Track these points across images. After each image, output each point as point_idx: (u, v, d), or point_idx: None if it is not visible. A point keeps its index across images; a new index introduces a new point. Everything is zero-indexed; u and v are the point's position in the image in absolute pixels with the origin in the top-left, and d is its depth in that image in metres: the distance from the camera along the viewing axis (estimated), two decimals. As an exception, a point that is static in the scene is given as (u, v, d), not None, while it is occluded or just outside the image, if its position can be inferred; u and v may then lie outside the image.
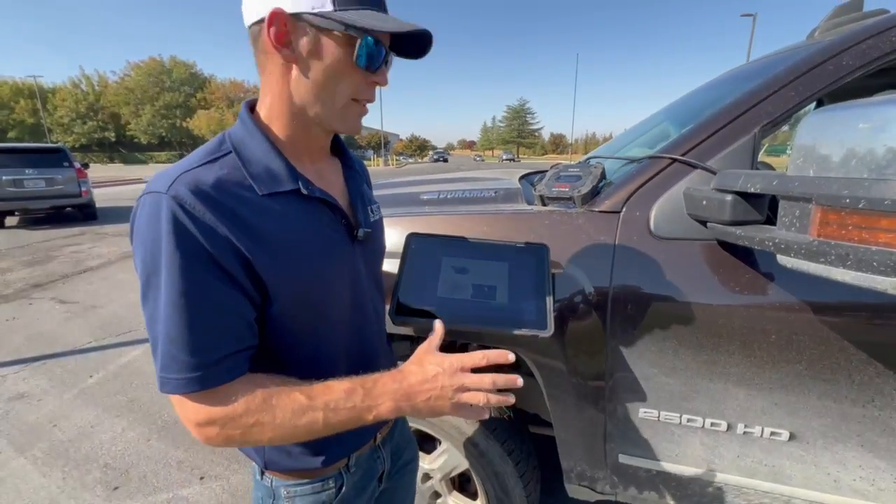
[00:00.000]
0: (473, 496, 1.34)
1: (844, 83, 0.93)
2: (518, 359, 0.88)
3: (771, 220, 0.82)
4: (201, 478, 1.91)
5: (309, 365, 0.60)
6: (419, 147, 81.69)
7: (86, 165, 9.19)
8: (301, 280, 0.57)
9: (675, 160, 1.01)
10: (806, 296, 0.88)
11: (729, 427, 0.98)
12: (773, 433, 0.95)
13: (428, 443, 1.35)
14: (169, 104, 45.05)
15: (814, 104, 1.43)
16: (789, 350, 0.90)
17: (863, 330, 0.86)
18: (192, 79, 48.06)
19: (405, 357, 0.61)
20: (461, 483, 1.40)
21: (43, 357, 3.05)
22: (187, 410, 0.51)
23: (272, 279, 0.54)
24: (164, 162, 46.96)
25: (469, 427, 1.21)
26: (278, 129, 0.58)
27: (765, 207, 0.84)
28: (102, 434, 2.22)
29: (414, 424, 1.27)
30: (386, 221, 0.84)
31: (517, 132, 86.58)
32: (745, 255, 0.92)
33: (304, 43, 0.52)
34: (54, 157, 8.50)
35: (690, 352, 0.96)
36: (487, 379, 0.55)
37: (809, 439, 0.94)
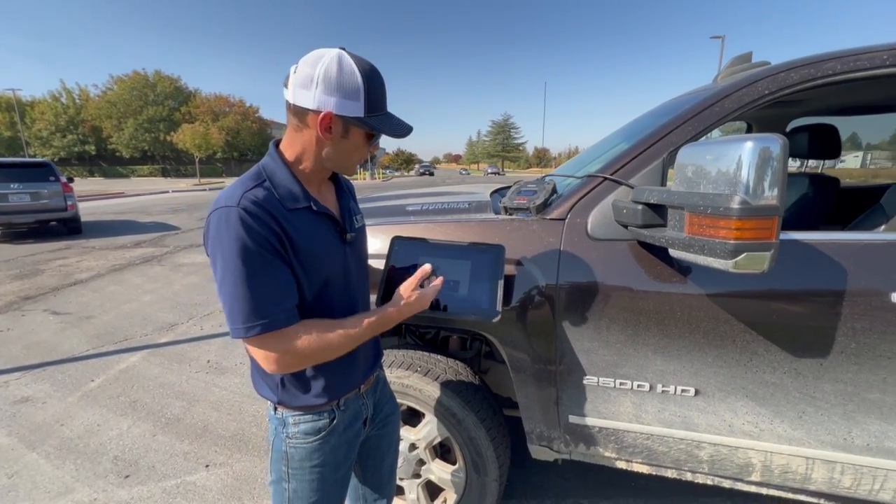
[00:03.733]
0: (453, 463, 1.57)
1: (728, 120, 1.23)
2: (493, 348, 1.16)
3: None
4: (207, 466, 2.09)
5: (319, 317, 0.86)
6: (405, 161, 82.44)
7: (70, 179, 9.21)
8: (312, 268, 0.83)
9: (605, 178, 1.29)
10: (701, 282, 1.16)
11: (651, 387, 1.24)
12: (683, 390, 1.22)
13: (414, 418, 1.58)
14: (152, 118, 44.66)
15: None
16: (690, 324, 1.17)
17: (740, 307, 1.14)
18: (176, 93, 47.84)
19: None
20: (443, 453, 1.62)
21: (43, 364, 3.17)
22: (268, 349, 0.76)
23: (296, 265, 0.80)
24: (146, 176, 46.40)
25: (449, 400, 1.44)
26: (304, 166, 0.85)
27: (665, 214, 1.12)
28: (109, 431, 2.37)
29: (403, 402, 1.50)
30: (378, 229, 1.11)
31: (502, 146, 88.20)
32: (655, 250, 1.20)
33: (339, 130, 0.80)
34: (40, 172, 8.53)
35: (619, 328, 1.23)
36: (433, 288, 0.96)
37: (710, 394, 1.20)
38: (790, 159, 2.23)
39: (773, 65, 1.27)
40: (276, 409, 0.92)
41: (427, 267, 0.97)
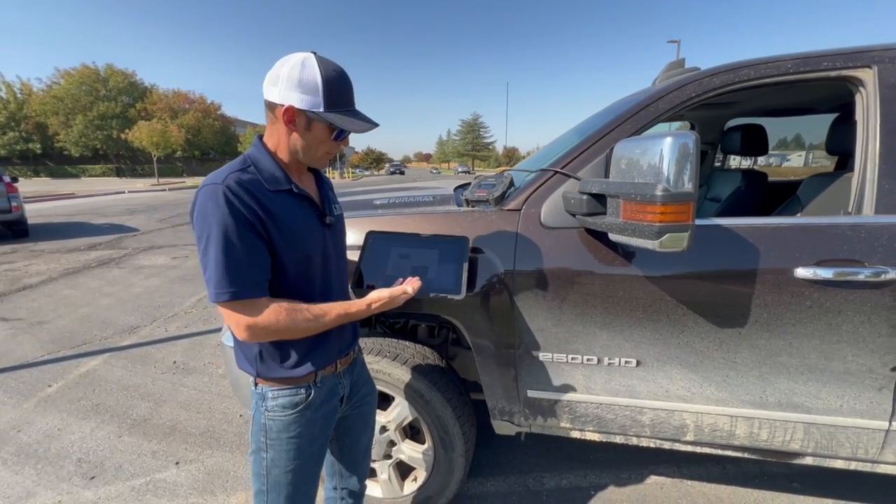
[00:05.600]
0: (423, 443, 1.66)
1: (662, 119, 1.37)
2: (459, 335, 1.27)
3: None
4: (177, 463, 2.08)
5: (296, 297, 0.93)
6: (375, 160, 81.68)
7: (15, 179, 8.63)
8: (293, 245, 0.90)
9: (556, 172, 1.41)
10: (639, 264, 1.30)
11: (598, 361, 1.37)
12: (626, 362, 1.36)
13: (385, 402, 1.65)
14: (104, 114, 42.15)
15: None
16: (630, 302, 1.31)
17: (672, 286, 1.28)
18: (131, 88, 45.35)
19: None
20: (413, 434, 1.71)
21: (-7, 371, 3.02)
22: (238, 315, 0.84)
23: (277, 242, 0.87)
24: (98, 176, 43.74)
25: (417, 382, 1.53)
26: (281, 156, 0.93)
27: (605, 203, 1.25)
28: (71, 435, 2.31)
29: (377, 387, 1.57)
30: (348, 222, 1.19)
31: (471, 145, 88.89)
32: (600, 237, 1.33)
33: (302, 123, 0.88)
34: (-20, 171, 7.96)
35: (569, 307, 1.35)
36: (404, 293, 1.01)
37: (649, 364, 1.35)
38: (744, 157, 2.46)
39: (699, 70, 1.43)
40: (256, 384, 0.99)
41: (407, 288, 1.04)
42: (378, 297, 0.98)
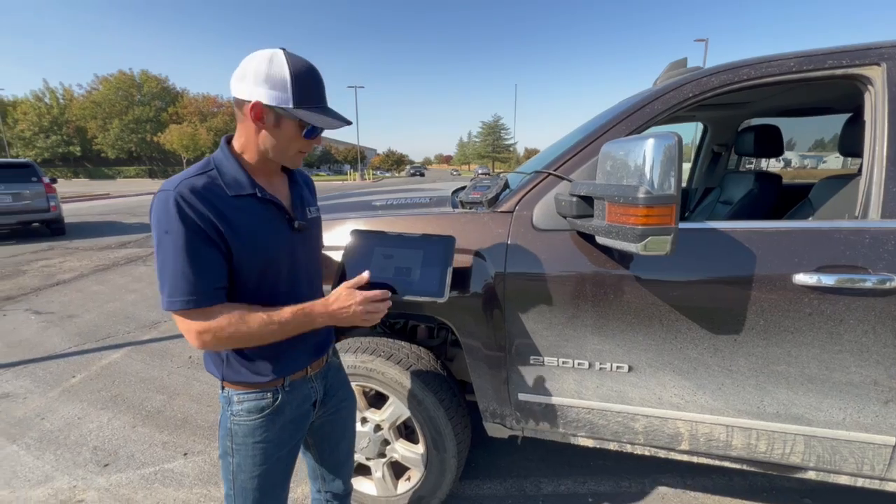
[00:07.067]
0: (416, 443, 1.67)
1: (658, 120, 1.35)
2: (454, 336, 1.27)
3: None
4: (185, 454, 2.16)
5: (260, 304, 0.90)
6: (396, 161, 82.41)
7: (54, 180, 9.13)
8: (252, 250, 0.87)
9: (549, 174, 1.40)
10: (630, 267, 1.27)
11: (590, 365, 1.35)
12: (617, 367, 1.33)
13: (380, 401, 1.67)
14: (139, 118, 44.17)
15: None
16: (621, 305, 1.28)
17: (665, 290, 1.25)
18: (163, 93, 47.37)
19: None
20: (407, 434, 1.72)
21: (24, 361, 3.20)
22: (189, 323, 0.82)
23: (235, 248, 0.84)
24: (132, 177, 45.79)
25: (410, 382, 1.54)
26: (248, 157, 0.90)
27: (594, 205, 1.23)
28: (89, 424, 2.43)
29: (368, 384, 1.59)
30: (342, 224, 1.18)
31: (492, 147, 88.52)
32: (592, 239, 1.31)
33: (271, 120, 0.85)
34: (22, 172, 8.44)
35: (560, 311, 1.34)
36: (375, 294, 0.94)
37: (641, 370, 1.32)
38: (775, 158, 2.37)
39: (698, 70, 1.39)
40: (223, 387, 0.97)
41: (365, 275, 0.97)
42: (336, 294, 0.92)
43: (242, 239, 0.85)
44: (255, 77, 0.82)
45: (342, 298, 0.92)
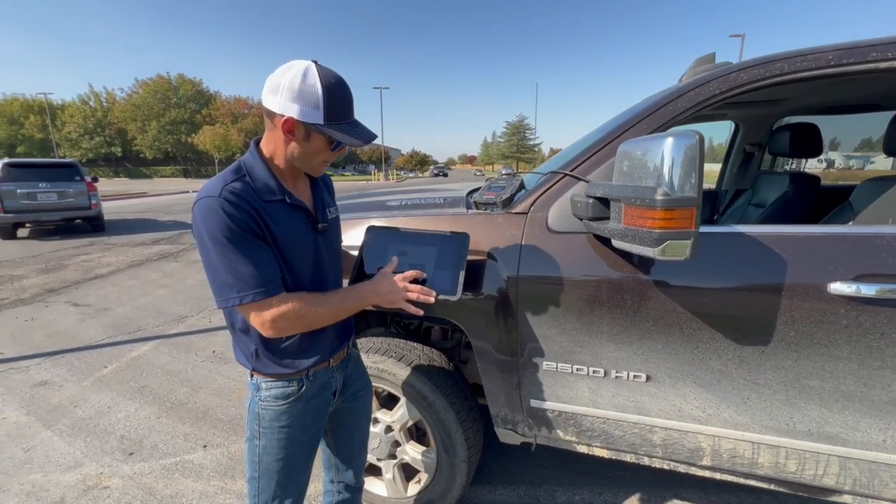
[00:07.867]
0: (428, 445, 1.65)
1: (682, 118, 1.28)
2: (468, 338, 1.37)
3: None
4: (204, 446, 2.22)
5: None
6: (420, 162, 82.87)
7: (95, 179, 9.63)
8: (283, 252, 0.93)
9: (565, 174, 1.36)
10: (649, 272, 1.21)
11: (605, 373, 1.30)
12: (635, 376, 1.27)
13: (391, 402, 1.67)
14: (175, 120, 46.17)
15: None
16: (640, 311, 1.23)
17: (686, 296, 1.19)
18: (198, 95, 49.34)
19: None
20: (419, 436, 1.70)
21: (62, 351, 3.38)
22: (262, 314, 0.88)
23: (273, 248, 0.90)
24: (168, 176, 47.83)
25: (421, 384, 1.52)
26: (277, 162, 0.95)
27: (610, 207, 1.18)
28: (118, 413, 2.53)
29: (380, 385, 1.59)
30: (359, 223, 1.20)
31: (516, 147, 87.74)
32: (608, 242, 1.26)
33: (301, 134, 0.89)
34: (66, 172, 8.95)
35: (575, 316, 1.29)
36: (416, 289, 1.03)
37: (660, 380, 1.26)
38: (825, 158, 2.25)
39: (726, 65, 1.32)
40: (252, 375, 1.04)
41: (395, 261, 1.08)
42: (380, 275, 1.03)
43: (276, 242, 0.91)
44: (289, 92, 0.84)
45: (388, 283, 1.02)
